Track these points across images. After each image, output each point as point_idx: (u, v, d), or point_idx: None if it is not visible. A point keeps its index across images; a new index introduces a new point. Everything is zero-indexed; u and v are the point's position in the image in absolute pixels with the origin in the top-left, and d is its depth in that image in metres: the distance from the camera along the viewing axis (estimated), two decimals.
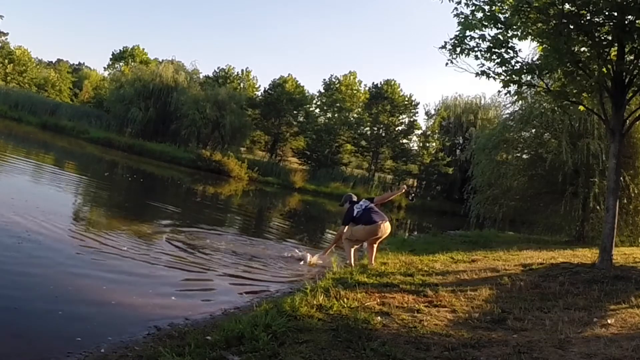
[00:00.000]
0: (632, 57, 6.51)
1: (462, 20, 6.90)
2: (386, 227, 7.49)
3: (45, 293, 4.70)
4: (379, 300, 4.82)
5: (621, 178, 9.83)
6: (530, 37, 6.90)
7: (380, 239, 7.63)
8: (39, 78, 48.98)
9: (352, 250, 7.63)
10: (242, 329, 3.69)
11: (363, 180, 34.01)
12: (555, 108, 9.81)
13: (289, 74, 38.76)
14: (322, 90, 38.80)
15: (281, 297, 5.43)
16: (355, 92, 38.58)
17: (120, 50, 50.51)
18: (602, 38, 6.50)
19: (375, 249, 7.59)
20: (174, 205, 13.54)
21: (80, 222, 8.07)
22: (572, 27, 6.37)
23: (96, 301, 4.77)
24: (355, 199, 8.02)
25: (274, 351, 3.33)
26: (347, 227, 7.73)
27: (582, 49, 6.81)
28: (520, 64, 7.03)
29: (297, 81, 38.37)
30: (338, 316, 4.23)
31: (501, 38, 6.89)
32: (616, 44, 6.41)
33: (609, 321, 4.07)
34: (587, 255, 8.23)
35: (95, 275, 5.52)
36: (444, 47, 7.13)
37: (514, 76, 7.08)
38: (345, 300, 4.71)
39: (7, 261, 5.35)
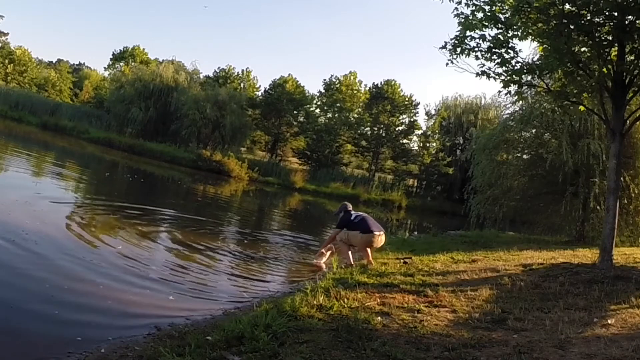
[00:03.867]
0: (632, 57, 6.50)
1: (463, 20, 6.89)
2: (382, 240, 7.62)
3: (42, 293, 4.69)
4: (379, 300, 4.82)
5: (621, 178, 9.81)
6: (530, 37, 6.90)
7: (373, 247, 7.63)
8: (39, 78, 49.01)
9: (349, 251, 7.64)
10: (242, 329, 3.69)
11: (363, 180, 33.94)
12: (556, 108, 9.78)
13: (289, 74, 38.81)
14: (323, 91, 38.83)
15: (281, 297, 5.43)
16: (355, 92, 38.57)
17: (120, 50, 50.53)
18: (603, 38, 6.48)
19: (370, 251, 7.56)
20: (174, 205, 13.53)
21: (79, 222, 8.06)
22: (572, 27, 6.36)
23: (95, 301, 4.76)
24: (350, 208, 8.16)
25: (274, 351, 3.33)
26: (341, 231, 7.78)
27: (583, 49, 6.79)
28: (520, 64, 7.02)
29: (297, 81, 38.38)
30: (338, 316, 4.23)
31: (501, 38, 6.88)
32: (616, 44, 6.41)
33: (609, 321, 4.06)
34: (587, 255, 8.22)
35: (93, 275, 5.50)
36: (444, 47, 7.12)
37: (514, 76, 7.06)
38: (345, 300, 4.71)
39: (4, 261, 5.35)
